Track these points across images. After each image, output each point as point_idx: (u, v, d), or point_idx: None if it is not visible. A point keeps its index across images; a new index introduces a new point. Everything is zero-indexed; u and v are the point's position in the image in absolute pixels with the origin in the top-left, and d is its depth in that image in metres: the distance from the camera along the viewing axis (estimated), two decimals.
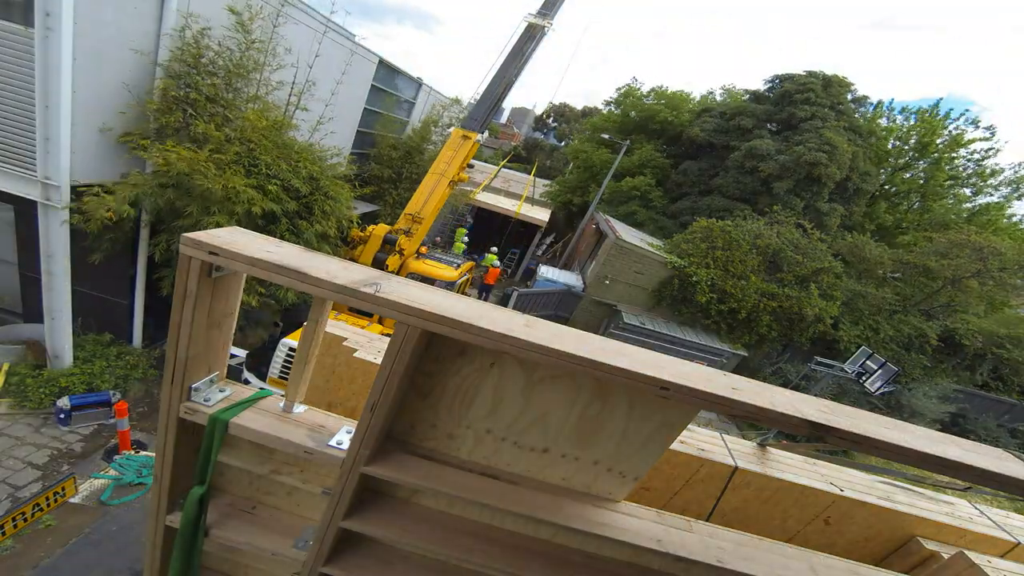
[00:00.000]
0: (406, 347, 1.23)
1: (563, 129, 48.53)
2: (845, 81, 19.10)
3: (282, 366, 7.11)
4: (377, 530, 1.55)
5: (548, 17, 10.78)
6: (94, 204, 6.00)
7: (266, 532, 1.69)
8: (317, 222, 7.85)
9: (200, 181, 6.18)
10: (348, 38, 10.69)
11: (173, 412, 1.48)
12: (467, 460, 1.55)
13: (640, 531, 1.46)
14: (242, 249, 1.21)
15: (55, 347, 6.92)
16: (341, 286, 1.18)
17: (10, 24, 5.36)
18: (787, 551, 1.54)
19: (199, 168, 6.22)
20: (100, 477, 6.00)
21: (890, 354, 14.46)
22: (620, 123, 23.24)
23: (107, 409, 6.76)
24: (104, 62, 6.02)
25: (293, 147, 8.00)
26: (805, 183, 17.48)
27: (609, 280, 15.17)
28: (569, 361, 1.15)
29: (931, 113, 20.25)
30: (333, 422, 1.61)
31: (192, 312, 1.32)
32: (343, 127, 11.65)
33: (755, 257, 14.62)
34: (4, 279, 7.52)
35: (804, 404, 1.20)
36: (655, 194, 20.17)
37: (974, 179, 20.22)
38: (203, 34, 6.73)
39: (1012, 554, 2.25)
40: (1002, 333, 16.01)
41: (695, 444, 2.34)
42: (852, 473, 2.49)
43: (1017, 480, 1.11)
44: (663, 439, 1.39)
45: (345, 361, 2.54)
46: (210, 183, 6.19)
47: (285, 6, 7.95)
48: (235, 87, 7.36)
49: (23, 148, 5.85)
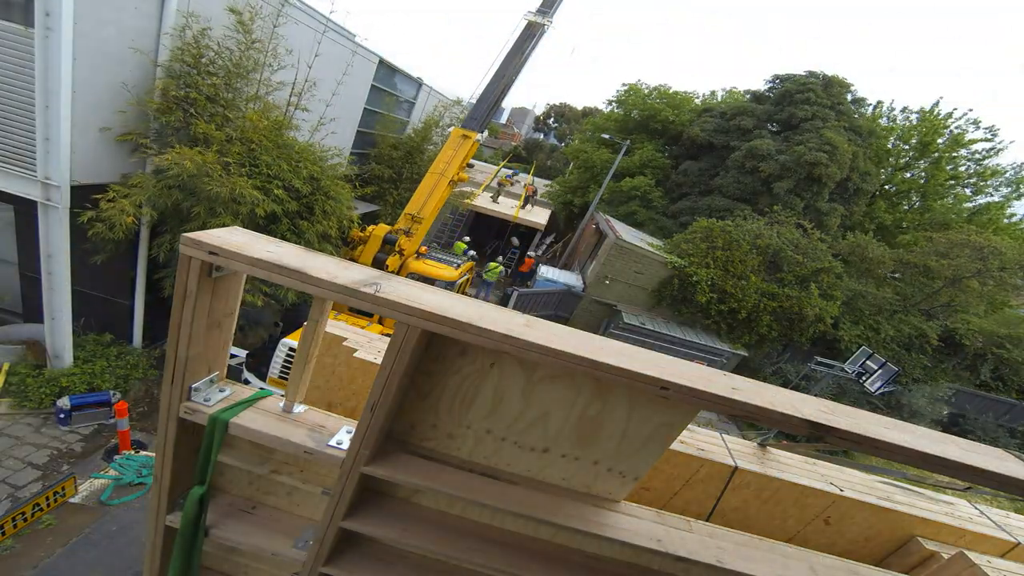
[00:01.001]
0: (406, 347, 1.23)
1: (563, 129, 48.53)
2: (845, 82, 19.13)
3: (282, 366, 7.11)
4: (377, 530, 1.55)
5: (548, 15, 10.77)
6: (113, 211, 5.98)
7: (266, 532, 1.69)
8: (318, 222, 7.85)
9: (207, 183, 6.18)
10: (348, 38, 10.69)
11: (173, 412, 1.48)
12: (467, 460, 1.54)
13: (640, 531, 1.46)
14: (242, 249, 1.21)
15: (55, 347, 6.92)
16: (341, 286, 1.18)
17: (10, 24, 5.36)
18: (787, 551, 1.54)
19: (206, 170, 6.22)
20: (100, 477, 6.00)
21: (890, 354, 14.46)
22: (621, 122, 23.24)
23: (107, 409, 6.76)
24: (104, 62, 6.01)
25: (294, 147, 8.00)
26: (805, 183, 17.49)
27: (609, 280, 15.17)
28: (569, 361, 1.15)
29: (932, 112, 20.24)
30: (333, 422, 1.61)
31: (192, 312, 1.32)
32: (343, 127, 11.64)
33: (755, 257, 14.62)
34: (4, 279, 7.52)
35: (804, 404, 1.20)
36: (655, 194, 20.17)
37: (974, 179, 20.21)
38: (203, 34, 6.72)
39: (1012, 554, 2.25)
40: (1002, 333, 16.01)
41: (695, 444, 2.34)
42: (852, 473, 2.49)
43: (1017, 480, 1.11)
44: (663, 439, 1.39)
45: (345, 361, 2.54)
46: (217, 186, 6.19)
47: (285, 6, 7.95)
48: (235, 87, 7.36)
49: (23, 148, 5.85)
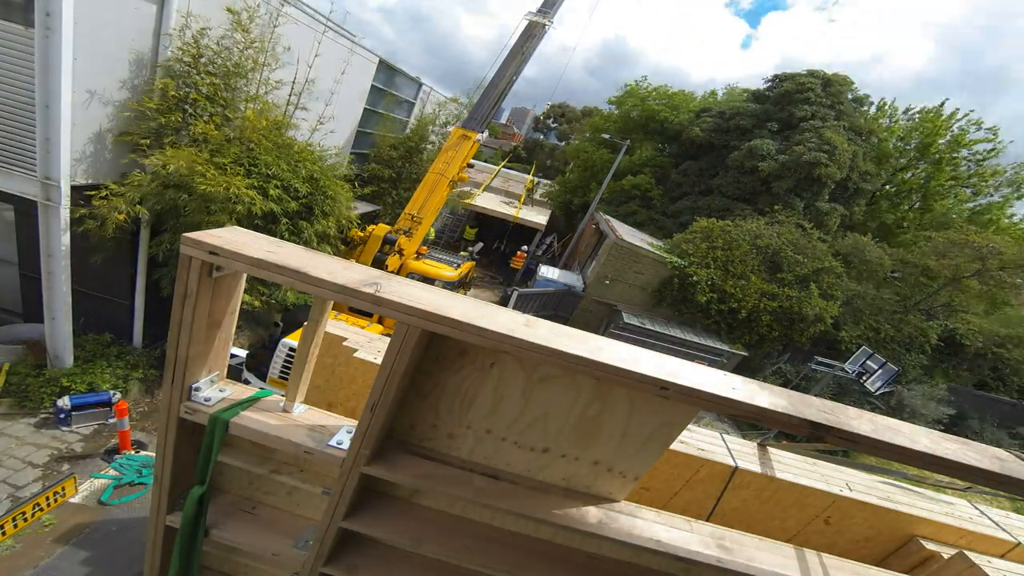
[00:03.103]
0: (406, 347, 1.23)
1: (563, 129, 48.53)
2: (846, 80, 19.07)
3: (282, 366, 7.11)
4: (377, 530, 1.55)
5: (548, 15, 10.78)
6: (105, 208, 5.99)
7: (266, 532, 1.69)
8: (318, 222, 7.85)
9: (199, 183, 6.18)
10: (348, 38, 10.69)
11: (173, 412, 1.48)
12: (467, 460, 1.54)
13: (640, 531, 1.46)
14: (242, 249, 1.21)
15: (55, 347, 6.92)
16: (341, 286, 1.18)
17: (10, 24, 5.36)
18: (787, 551, 1.54)
19: (198, 169, 6.21)
20: (100, 477, 6.00)
21: (890, 354, 14.45)
22: (621, 122, 23.23)
23: (107, 409, 6.76)
24: (104, 62, 6.02)
25: (293, 147, 8.00)
26: (805, 183, 17.48)
27: (609, 280, 15.17)
28: (569, 361, 1.15)
29: (935, 112, 20.23)
30: (333, 422, 1.61)
31: (192, 312, 1.32)
32: (343, 127, 11.65)
33: (755, 257, 14.62)
34: (4, 279, 7.52)
35: (804, 404, 1.20)
36: (655, 194, 20.17)
37: (975, 179, 20.21)
38: (203, 34, 6.73)
39: (1012, 554, 2.25)
40: (1002, 333, 16.01)
41: (695, 444, 2.34)
42: (852, 473, 2.49)
43: (1017, 480, 1.11)
44: (663, 439, 1.39)
45: (345, 361, 2.54)
46: (210, 185, 6.19)
47: (285, 6, 7.95)
48: (234, 87, 7.36)
49: (23, 148, 5.85)
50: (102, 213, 5.99)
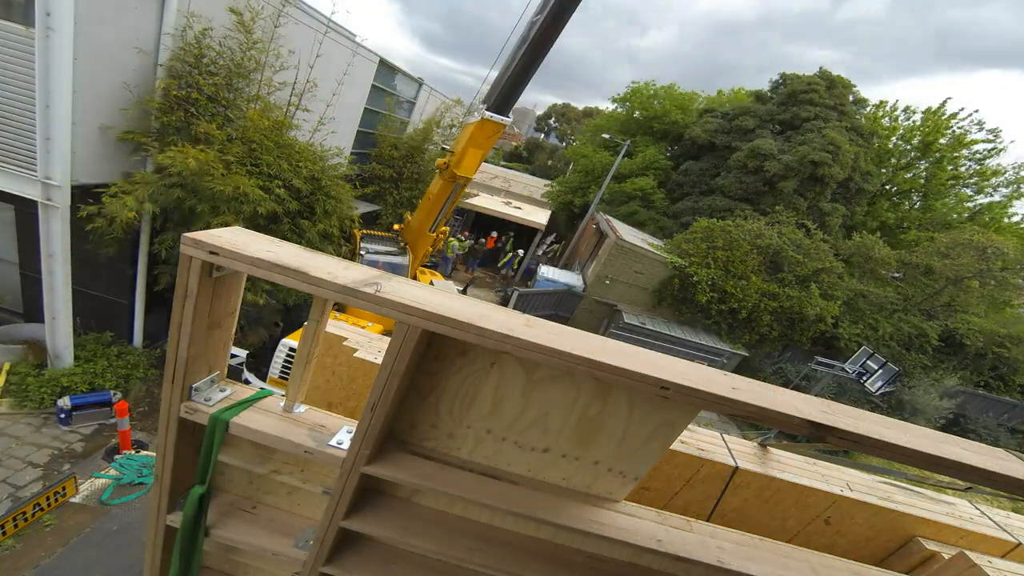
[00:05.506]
0: (407, 347, 1.23)
1: (564, 129, 48.53)
2: (849, 83, 19.14)
3: (282, 366, 7.12)
4: (377, 530, 1.55)
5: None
6: (115, 206, 5.97)
7: (266, 532, 1.69)
8: (319, 221, 7.86)
9: (209, 182, 6.19)
10: (349, 38, 10.69)
11: (174, 412, 1.48)
12: (467, 460, 1.54)
13: (640, 531, 1.46)
14: (242, 249, 1.21)
15: (56, 347, 6.93)
16: (342, 286, 1.18)
17: (10, 24, 5.36)
18: (787, 551, 1.54)
19: (208, 169, 6.22)
20: (101, 477, 6.01)
21: (891, 353, 14.45)
22: (623, 123, 23.21)
23: (108, 409, 6.77)
24: (104, 62, 6.02)
25: (294, 147, 8.00)
26: (808, 183, 17.49)
27: (609, 280, 15.17)
28: (569, 361, 1.15)
29: (938, 112, 20.23)
30: (333, 422, 1.61)
31: (192, 312, 1.32)
32: (344, 127, 11.64)
33: (756, 257, 14.62)
34: (5, 279, 7.53)
35: (804, 404, 1.20)
36: (657, 195, 20.18)
37: (975, 179, 20.21)
38: (204, 34, 6.73)
39: (1013, 554, 2.25)
40: (1003, 332, 16.00)
41: (695, 444, 2.34)
42: (852, 473, 2.49)
43: (1017, 480, 1.11)
44: (663, 439, 1.39)
45: (345, 361, 2.54)
46: (219, 184, 6.20)
47: (286, 6, 7.95)
48: (236, 87, 7.37)
49: (23, 148, 5.85)
50: (112, 211, 5.99)
